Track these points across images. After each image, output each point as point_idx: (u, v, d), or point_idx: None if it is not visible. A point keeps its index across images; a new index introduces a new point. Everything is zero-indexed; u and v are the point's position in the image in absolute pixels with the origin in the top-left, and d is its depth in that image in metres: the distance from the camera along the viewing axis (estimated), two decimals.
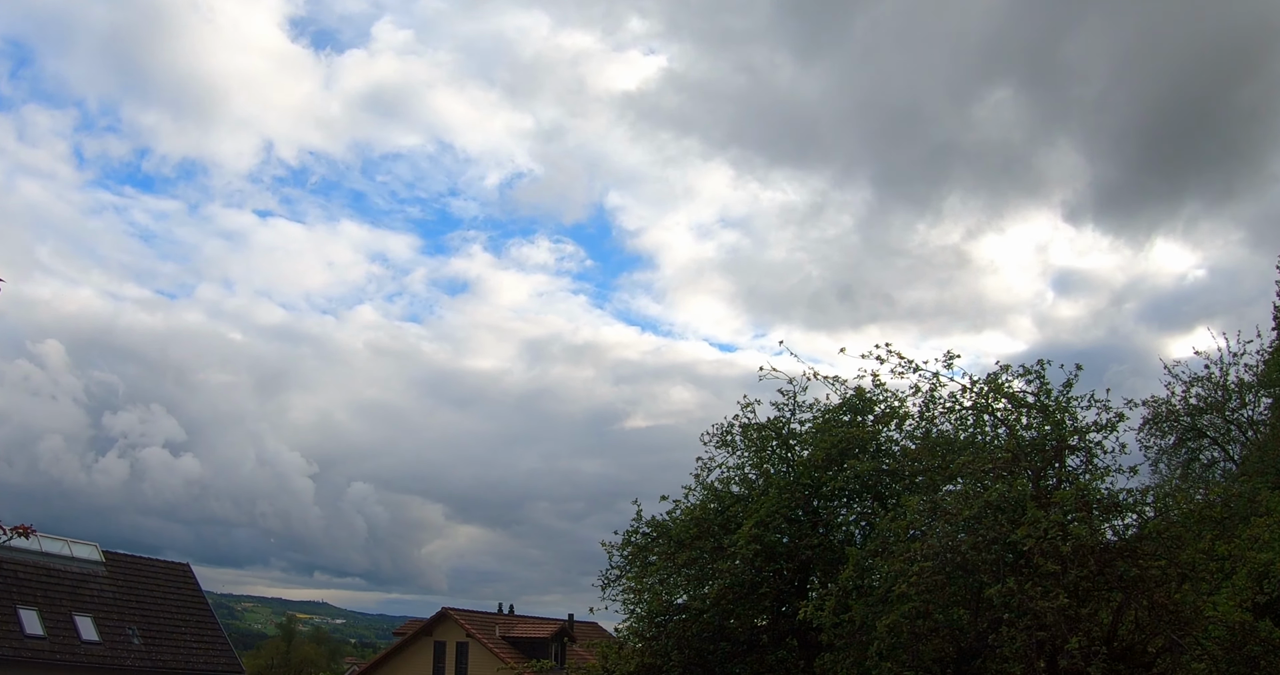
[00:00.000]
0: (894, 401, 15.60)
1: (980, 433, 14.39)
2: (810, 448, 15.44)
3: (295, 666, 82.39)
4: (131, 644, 31.75)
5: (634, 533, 16.30)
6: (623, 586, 16.18)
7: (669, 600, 15.58)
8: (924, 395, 14.72)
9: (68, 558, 32.62)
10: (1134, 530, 12.42)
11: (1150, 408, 26.95)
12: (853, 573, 12.53)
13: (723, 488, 16.12)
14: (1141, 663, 12.16)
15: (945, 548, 11.68)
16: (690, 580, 15.63)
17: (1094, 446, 13.20)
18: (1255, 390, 26.38)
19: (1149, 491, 12.72)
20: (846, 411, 15.76)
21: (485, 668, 41.17)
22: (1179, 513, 12.20)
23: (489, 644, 43.56)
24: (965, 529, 11.79)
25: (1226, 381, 26.61)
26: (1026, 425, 13.56)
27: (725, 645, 15.46)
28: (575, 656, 42.12)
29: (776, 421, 16.23)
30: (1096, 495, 12.25)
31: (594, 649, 17.76)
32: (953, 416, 14.68)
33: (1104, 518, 12.32)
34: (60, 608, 30.63)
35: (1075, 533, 11.08)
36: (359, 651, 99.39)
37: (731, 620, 15.48)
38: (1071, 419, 13.15)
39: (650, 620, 15.63)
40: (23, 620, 29.05)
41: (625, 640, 16.34)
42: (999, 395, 13.68)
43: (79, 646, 30.02)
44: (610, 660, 15.92)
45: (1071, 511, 11.73)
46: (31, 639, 28.83)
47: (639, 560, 16.13)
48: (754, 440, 16.24)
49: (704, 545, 15.26)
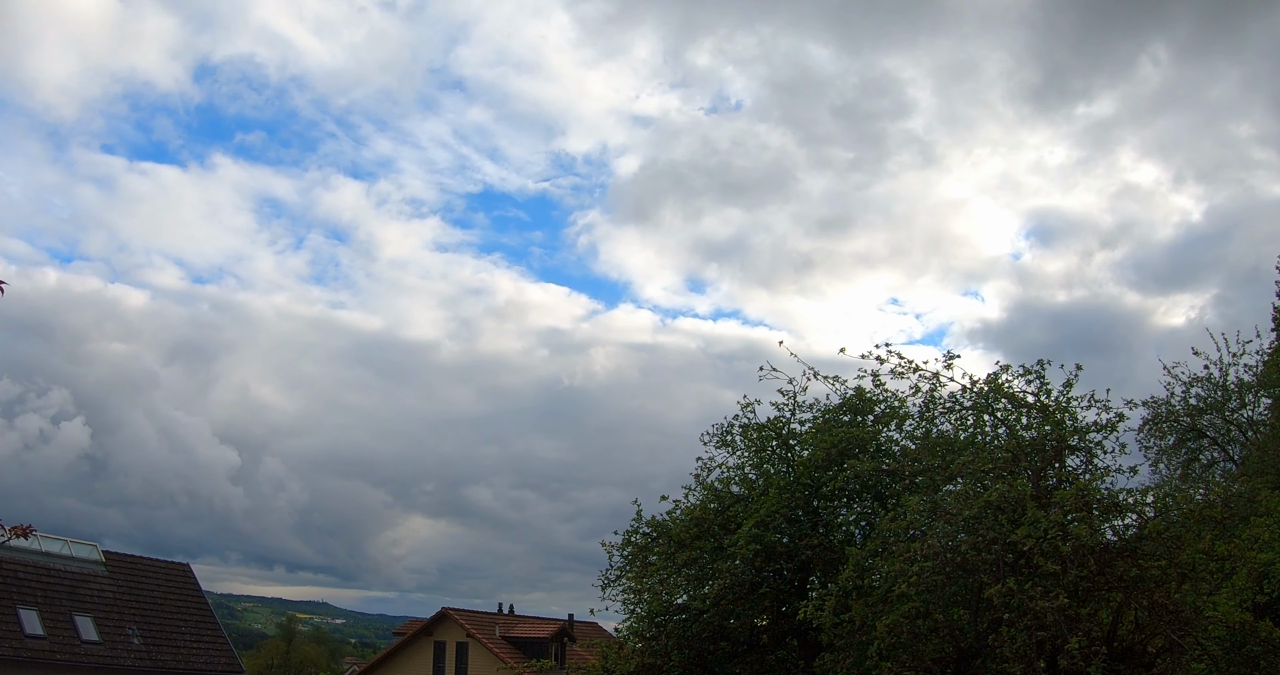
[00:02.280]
0: (894, 402, 15.61)
1: (980, 433, 14.38)
2: (810, 448, 15.43)
3: (295, 666, 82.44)
4: (131, 644, 31.76)
5: (634, 533, 16.29)
6: (623, 586, 16.17)
7: (669, 600, 15.58)
8: (924, 395, 14.73)
9: (68, 558, 32.62)
10: (1134, 530, 12.41)
11: (1150, 408, 26.97)
12: (853, 573, 12.53)
13: (723, 488, 16.12)
14: (1141, 663, 12.16)
15: (945, 548, 11.69)
16: (690, 580, 15.63)
17: (1094, 446, 13.22)
18: (1255, 390, 26.38)
19: (1149, 491, 12.72)
20: (846, 411, 15.77)
21: (485, 668, 41.17)
22: (1179, 513, 12.19)
23: (489, 644, 43.57)
24: (965, 529, 11.80)
25: (1226, 382, 26.60)
26: (1026, 425, 13.56)
27: (725, 645, 15.47)
28: (575, 656, 42.13)
29: (776, 421, 16.24)
30: (1096, 495, 12.24)
31: (594, 649, 17.78)
32: (953, 417, 14.68)
33: (1104, 518, 12.32)
34: (60, 608, 30.63)
35: (1075, 533, 11.07)
36: (359, 651, 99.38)
37: (731, 620, 15.48)
38: (1071, 419, 13.16)
39: (650, 620, 15.63)
40: (23, 620, 29.04)
41: (625, 640, 16.33)
42: (999, 395, 13.68)
43: (79, 646, 30.02)
44: (610, 660, 15.91)
45: (1071, 511, 11.72)
46: (31, 639, 28.82)
47: (639, 560, 16.12)
48: (754, 440, 16.25)
49: (704, 545, 15.26)
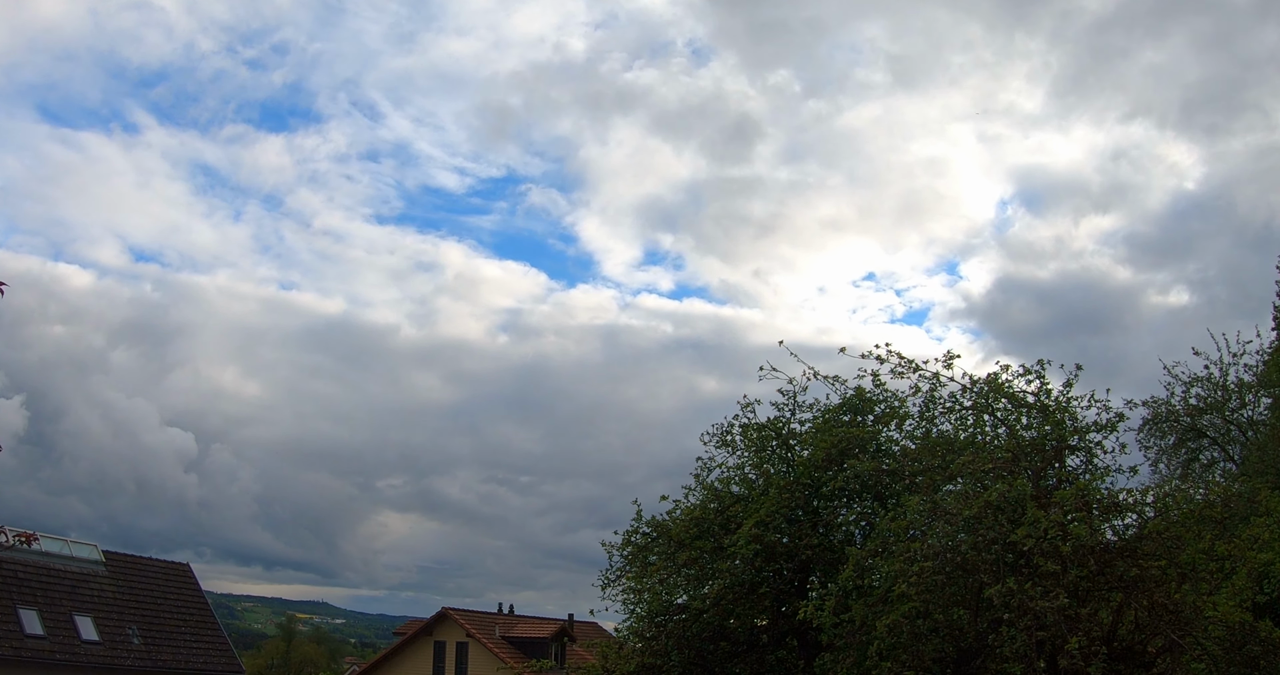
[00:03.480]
0: (894, 401, 15.60)
1: (980, 433, 14.37)
2: (810, 448, 15.42)
3: (295, 666, 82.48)
4: (131, 644, 31.76)
5: (634, 533, 16.28)
6: (623, 586, 16.17)
7: (669, 600, 15.57)
8: (924, 395, 14.72)
9: (68, 558, 32.63)
10: (1134, 530, 12.41)
11: (1150, 408, 27.00)
12: (853, 573, 12.51)
13: (723, 488, 16.11)
14: (1141, 663, 12.16)
15: (945, 548, 11.67)
16: (690, 580, 15.61)
17: (1094, 446, 13.22)
18: (1255, 390, 26.40)
19: (1149, 491, 12.71)
20: (846, 411, 15.76)
21: (485, 667, 41.19)
22: (1179, 513, 12.19)
23: (489, 644, 43.58)
24: (965, 529, 11.78)
25: (1226, 382, 26.64)
26: (1026, 425, 13.55)
27: (725, 645, 15.47)
28: (575, 656, 42.14)
29: (776, 421, 16.23)
30: (1096, 495, 12.24)
31: (594, 649, 17.77)
32: (953, 416, 14.68)
33: (1104, 518, 12.31)
34: (60, 608, 30.63)
35: (1075, 533, 11.07)
36: (359, 651, 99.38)
37: (731, 620, 15.48)
38: (1071, 419, 13.15)
39: (650, 620, 15.63)
40: (23, 620, 29.05)
41: (625, 640, 16.33)
42: (999, 395, 13.67)
43: (79, 646, 30.02)
44: (610, 660, 15.91)
45: (1071, 511, 11.72)
46: (31, 639, 28.83)
47: (639, 560, 16.11)
48: (754, 440, 16.23)
49: (704, 545, 15.25)
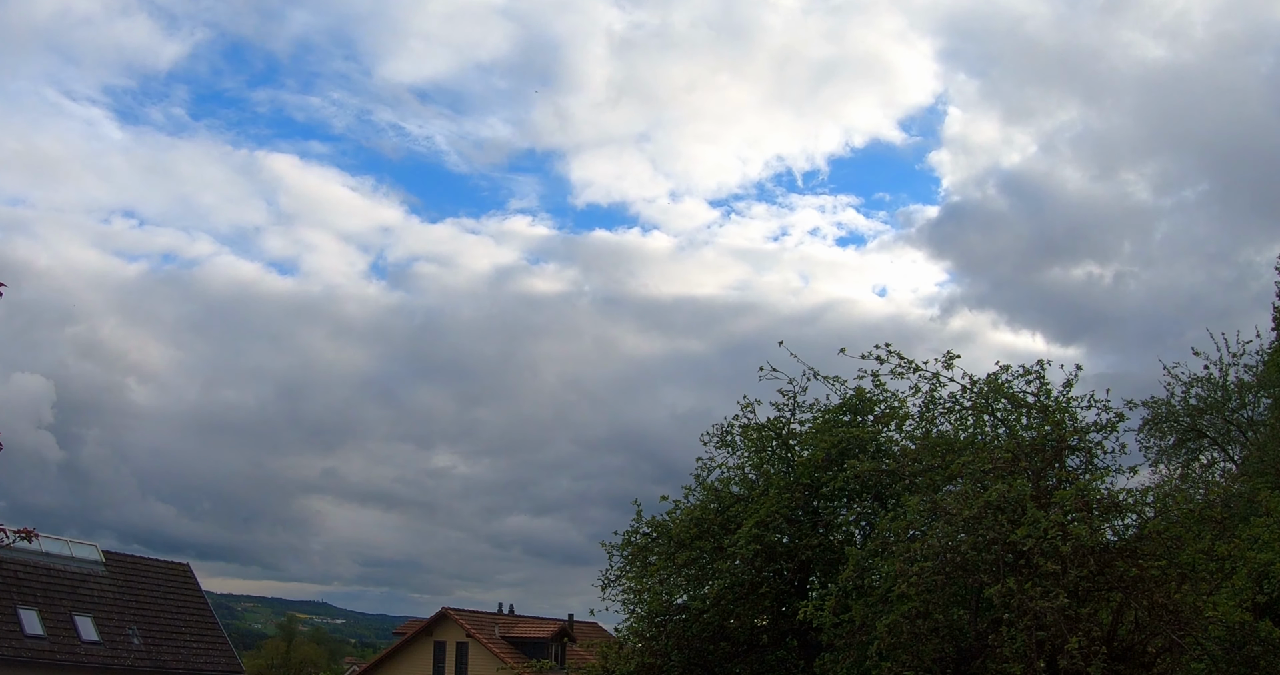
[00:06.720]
0: (894, 402, 15.61)
1: (980, 433, 14.38)
2: (810, 448, 15.42)
3: (295, 666, 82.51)
4: (131, 644, 31.75)
5: (634, 533, 16.28)
6: (623, 587, 16.17)
7: (669, 600, 15.58)
8: (924, 395, 14.74)
9: (68, 558, 32.63)
10: (1134, 530, 12.41)
11: (1150, 408, 26.95)
12: (853, 573, 12.52)
13: (723, 488, 16.10)
14: (1141, 663, 12.16)
15: (945, 548, 11.67)
16: (690, 580, 15.62)
17: (1094, 446, 13.22)
18: (1255, 390, 26.36)
19: (1149, 491, 12.69)
20: (846, 412, 15.76)
21: (485, 668, 41.21)
22: (1179, 513, 12.18)
23: (489, 644, 43.58)
24: (965, 529, 11.77)
25: (1226, 382, 26.59)
26: (1026, 425, 13.55)
27: (725, 645, 15.47)
28: (575, 656, 42.15)
29: (776, 422, 16.23)
30: (1096, 495, 12.24)
31: (594, 649, 17.78)
32: (953, 417, 14.69)
33: (1104, 518, 12.31)
34: (60, 608, 30.63)
35: (1075, 533, 11.06)
36: (359, 651, 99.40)
37: (731, 620, 15.48)
38: (1071, 419, 13.15)
39: (650, 620, 15.63)
40: (23, 620, 29.05)
41: (625, 640, 16.33)
42: (999, 395, 13.67)
43: (79, 646, 30.02)
44: (610, 660, 15.92)
45: (1071, 511, 11.71)
46: (31, 639, 28.83)
47: (639, 560, 16.12)
48: (754, 440, 16.24)
49: (704, 545, 15.25)
